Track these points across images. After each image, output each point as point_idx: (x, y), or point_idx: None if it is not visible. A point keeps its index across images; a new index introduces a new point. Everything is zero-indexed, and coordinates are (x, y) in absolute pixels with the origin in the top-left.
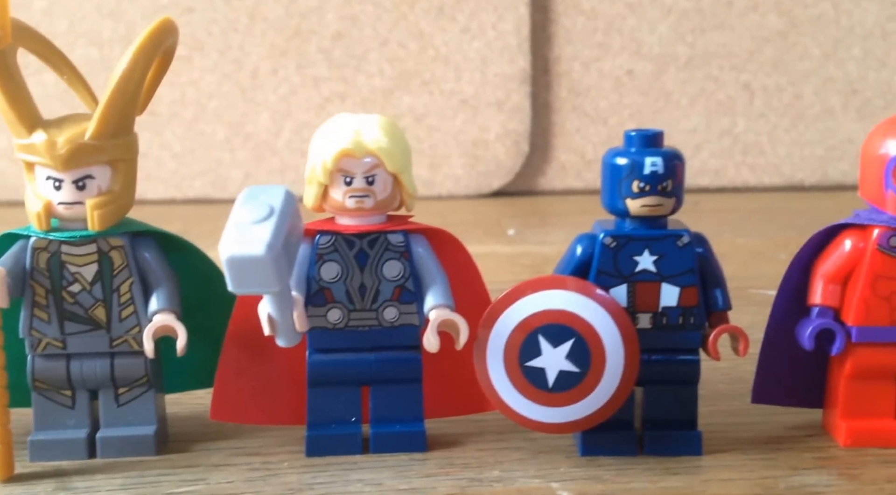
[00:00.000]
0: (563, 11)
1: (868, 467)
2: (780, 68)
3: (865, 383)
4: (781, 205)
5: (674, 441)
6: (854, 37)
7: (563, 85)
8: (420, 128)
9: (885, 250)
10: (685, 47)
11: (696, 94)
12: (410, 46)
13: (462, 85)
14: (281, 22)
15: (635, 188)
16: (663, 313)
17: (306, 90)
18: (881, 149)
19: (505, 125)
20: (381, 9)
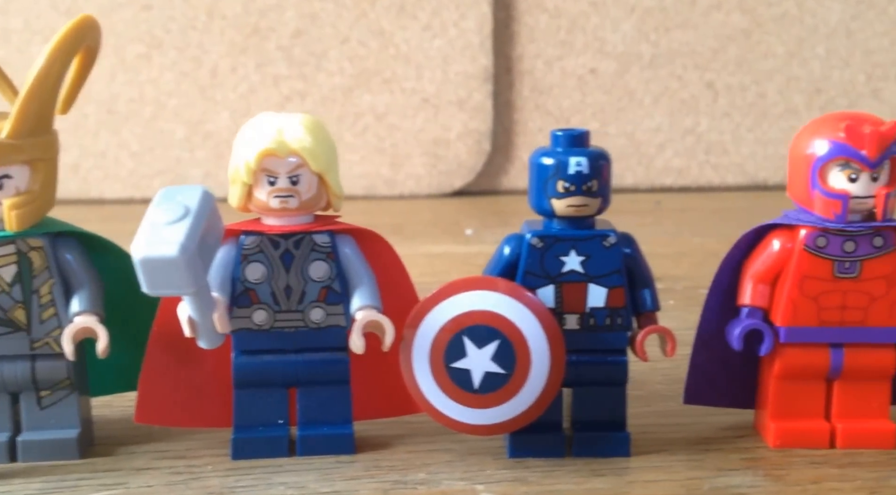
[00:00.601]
0: (525, 10)
1: (794, 468)
2: (743, 67)
3: (795, 383)
4: (744, 204)
5: (602, 442)
6: (818, 36)
7: (525, 83)
8: (381, 127)
9: (812, 250)
10: (649, 46)
11: (659, 92)
12: (371, 44)
13: (423, 83)
14: (240, 19)
15: (560, 188)
16: (591, 314)
17: (266, 88)
18: (808, 150)
19: (467, 124)
20: (341, 6)
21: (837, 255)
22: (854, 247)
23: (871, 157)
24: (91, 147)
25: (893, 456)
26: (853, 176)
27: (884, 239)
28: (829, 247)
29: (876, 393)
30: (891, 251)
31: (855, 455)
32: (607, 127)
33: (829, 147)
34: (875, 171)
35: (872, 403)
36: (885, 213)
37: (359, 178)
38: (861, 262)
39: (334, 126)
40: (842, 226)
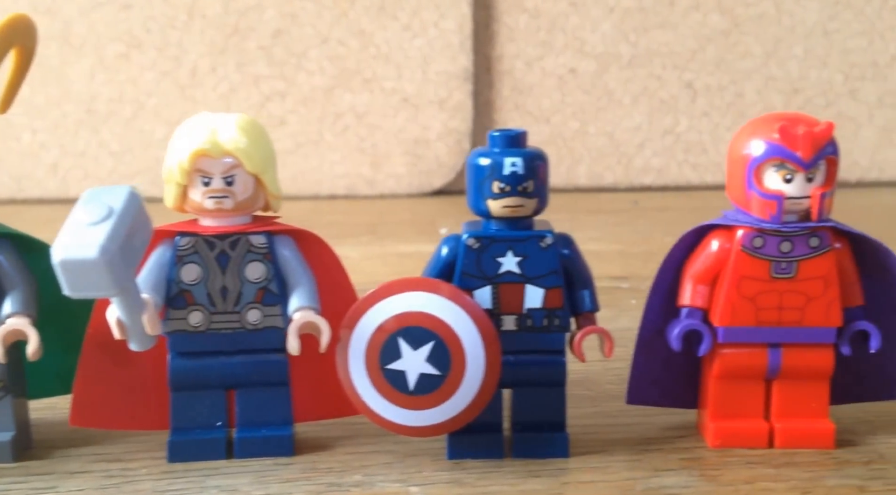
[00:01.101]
0: (505, 10)
1: (730, 468)
2: (722, 67)
3: (734, 383)
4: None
5: (541, 443)
6: (795, 36)
7: (505, 83)
8: (361, 127)
9: (748, 251)
10: (628, 46)
11: (638, 92)
12: (351, 44)
13: (403, 83)
14: (220, 19)
15: (496, 189)
16: (528, 315)
17: (246, 88)
18: (744, 150)
19: (447, 124)
20: (321, 6)
21: (774, 256)
22: (790, 248)
23: (804, 158)
24: (70, 146)
25: (831, 456)
26: (788, 176)
27: (820, 239)
28: (765, 248)
29: (815, 393)
30: (827, 251)
31: (793, 455)
32: (587, 126)
33: (764, 148)
34: (810, 172)
35: (811, 403)
36: (820, 214)
37: (339, 178)
38: (797, 263)
39: (315, 126)
40: (777, 227)
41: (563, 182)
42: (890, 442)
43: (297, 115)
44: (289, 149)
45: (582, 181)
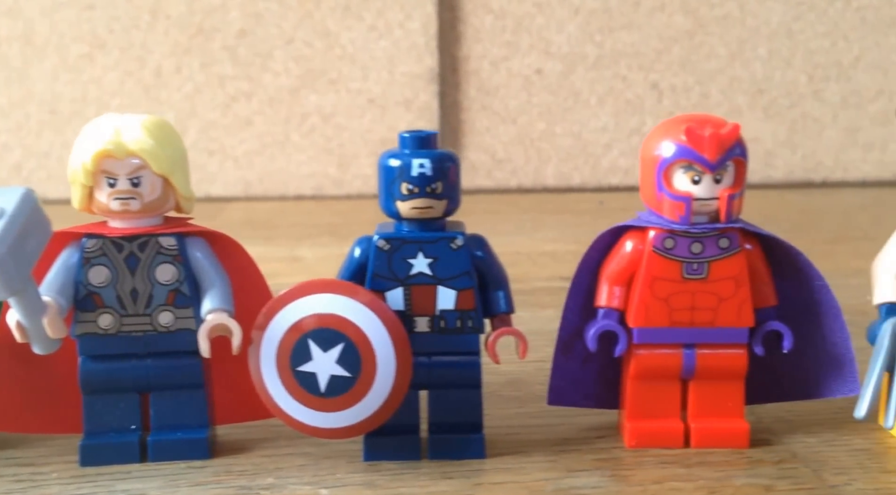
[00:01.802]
0: (471, 10)
1: (643, 468)
2: (687, 68)
3: (650, 384)
4: None
5: (457, 444)
6: (760, 37)
7: (472, 84)
8: (328, 127)
9: (660, 252)
10: (594, 47)
11: (604, 93)
12: (316, 45)
13: (369, 84)
14: (184, 19)
15: (404, 190)
16: (441, 316)
17: (211, 88)
18: (654, 151)
19: (413, 124)
20: (286, 7)
21: (685, 257)
22: (701, 249)
23: (711, 160)
24: (34, 147)
25: (744, 455)
26: (696, 178)
27: (730, 240)
28: (676, 249)
29: (730, 393)
30: (737, 252)
31: (707, 454)
32: (553, 127)
33: (672, 149)
34: (717, 173)
35: (727, 403)
36: (728, 215)
37: (306, 178)
38: (708, 264)
39: (281, 126)
40: (686, 228)
41: (531, 182)
42: (805, 441)
43: (262, 115)
44: (255, 150)
45: (549, 181)
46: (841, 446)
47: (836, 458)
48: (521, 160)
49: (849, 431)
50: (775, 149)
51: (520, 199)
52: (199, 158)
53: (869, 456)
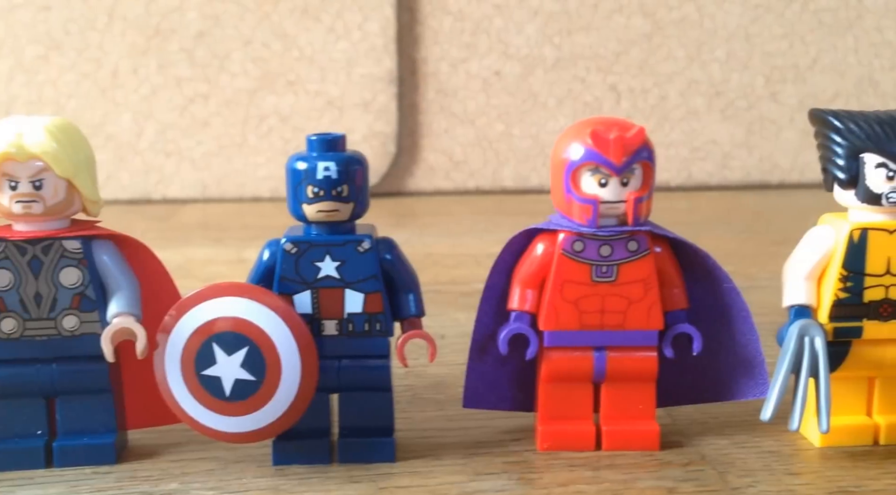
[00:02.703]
0: (430, 12)
1: (551, 470)
2: (645, 70)
3: (561, 386)
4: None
5: (367, 448)
6: (717, 39)
7: (430, 86)
8: (286, 129)
9: (569, 255)
10: (552, 48)
11: (563, 95)
12: (274, 46)
13: (328, 86)
14: (141, 20)
15: (310, 193)
16: (349, 319)
17: (168, 90)
18: (562, 154)
19: (371, 126)
20: (244, 8)
21: (594, 260)
22: (610, 252)
23: (616, 163)
24: None
25: (654, 457)
26: (603, 181)
27: (638, 243)
28: (585, 252)
29: (641, 396)
30: (645, 255)
31: (617, 457)
32: (512, 128)
33: (578, 152)
34: (623, 176)
35: (638, 405)
36: (636, 218)
37: (264, 180)
38: (618, 266)
39: (238, 128)
40: (594, 231)
41: (489, 184)
42: (716, 443)
43: (220, 117)
44: (212, 152)
45: (508, 183)
46: (751, 448)
47: (744, 460)
48: (480, 162)
49: (761, 433)
50: (732, 151)
51: (477, 201)
52: (155, 160)
53: (777, 458)
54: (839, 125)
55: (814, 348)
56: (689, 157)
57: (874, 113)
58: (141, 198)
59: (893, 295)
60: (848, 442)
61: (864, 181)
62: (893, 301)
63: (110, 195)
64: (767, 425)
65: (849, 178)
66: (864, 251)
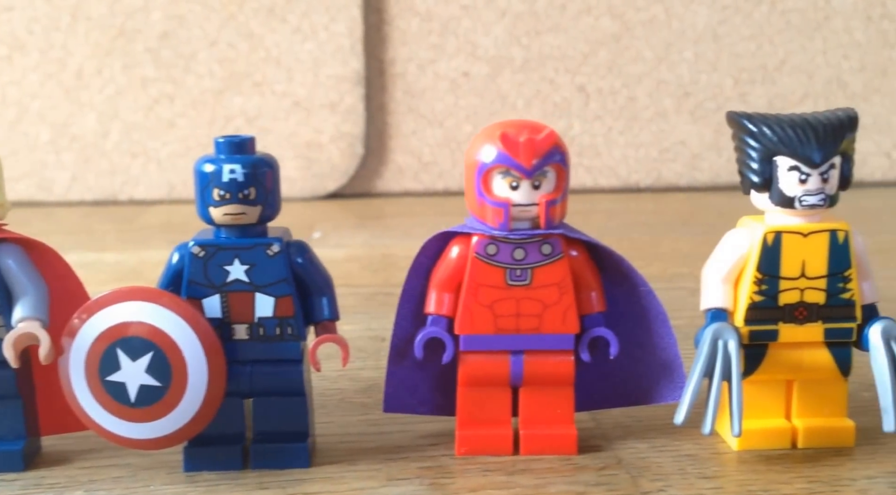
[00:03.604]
0: (397, 13)
1: (466, 476)
2: (614, 71)
3: (479, 391)
4: (613, 206)
5: (280, 454)
6: (685, 40)
7: (398, 87)
8: (252, 130)
9: (483, 258)
10: (520, 49)
11: (531, 95)
12: (241, 47)
13: (294, 86)
14: (105, 21)
15: (216, 196)
16: (260, 323)
17: (133, 91)
18: (474, 157)
19: (339, 127)
20: (209, 8)
21: (508, 263)
22: (524, 255)
23: (525, 166)
24: None
25: (571, 461)
26: (514, 184)
27: (552, 246)
28: (499, 255)
29: (559, 400)
30: (560, 258)
31: (534, 461)
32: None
33: (489, 155)
34: (535, 179)
35: (556, 409)
36: (548, 221)
37: None
38: (532, 270)
39: (204, 129)
40: (506, 234)
41: (458, 185)
42: (636, 447)
43: (186, 117)
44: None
45: None
46: (669, 451)
47: (660, 464)
48: (448, 163)
49: (682, 437)
50: (701, 152)
51: (445, 202)
52: (121, 161)
53: (693, 462)
54: (753, 128)
55: (727, 352)
56: (659, 158)
57: (788, 116)
58: (107, 199)
59: (808, 298)
60: (766, 446)
61: (778, 184)
62: (809, 304)
63: (76, 197)
64: (689, 429)
65: (762, 181)
66: (778, 254)
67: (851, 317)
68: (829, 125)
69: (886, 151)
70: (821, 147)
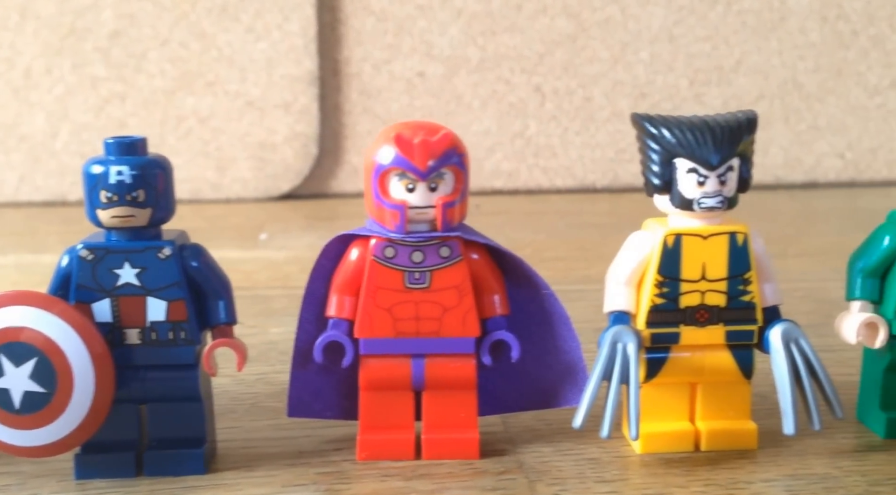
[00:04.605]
0: (352, 12)
1: (363, 481)
2: (570, 71)
3: (381, 395)
4: (568, 206)
5: (175, 460)
6: (641, 41)
7: (353, 87)
8: (205, 130)
9: (381, 261)
10: (476, 50)
11: (487, 96)
12: (193, 46)
13: (248, 86)
14: (54, 20)
15: (103, 198)
16: (152, 328)
17: (84, 90)
18: (371, 158)
19: (293, 127)
20: (161, 7)
21: (406, 266)
22: (422, 258)
23: (420, 168)
24: None
25: (472, 466)
26: (410, 186)
27: (450, 249)
28: (397, 258)
29: (462, 404)
30: (458, 261)
31: (434, 466)
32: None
33: (384, 157)
34: (431, 181)
35: (459, 413)
36: (445, 223)
37: (183, 182)
38: (431, 273)
39: (156, 129)
40: (403, 237)
41: None
42: (540, 450)
43: (137, 117)
44: None
45: None
46: (574, 455)
47: (560, 468)
48: None
49: (587, 441)
50: None
51: None
52: (71, 162)
53: (594, 466)
54: (653, 131)
55: (625, 355)
56: (615, 159)
57: (689, 118)
58: (56, 200)
59: (710, 300)
60: (669, 449)
61: (677, 186)
62: (710, 306)
63: (24, 197)
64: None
65: (662, 184)
66: (678, 257)
67: (752, 319)
68: (727, 127)
69: (840, 152)
70: (718, 149)
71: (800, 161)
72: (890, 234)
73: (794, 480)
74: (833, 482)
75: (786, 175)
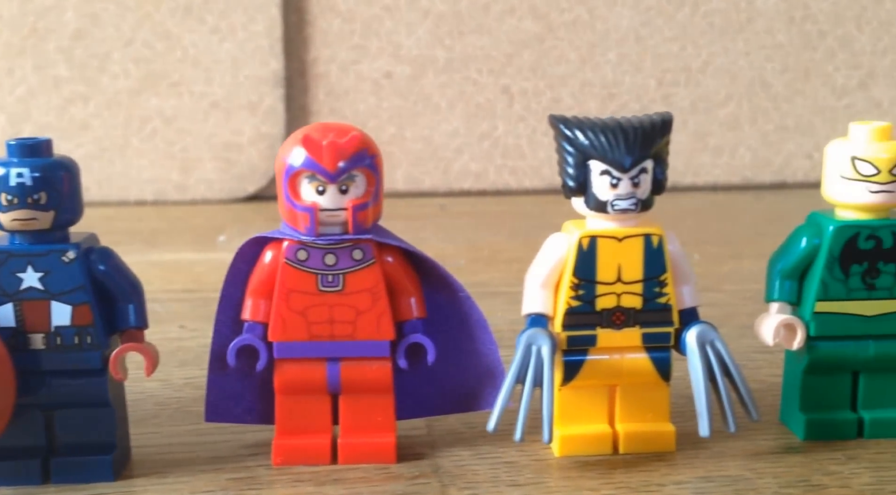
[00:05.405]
0: (318, 13)
1: (273, 487)
2: (538, 72)
3: (297, 399)
4: (534, 208)
5: (83, 467)
6: (609, 41)
7: (320, 87)
8: (170, 131)
9: (293, 264)
10: (444, 50)
11: (455, 97)
12: (157, 47)
13: (213, 87)
14: (16, 20)
15: (3, 201)
16: (57, 333)
17: (46, 91)
18: (281, 160)
19: (259, 128)
20: (124, 7)
21: (320, 269)
22: (335, 261)
23: (329, 170)
24: None
25: (387, 471)
26: (320, 188)
27: (363, 252)
28: (310, 261)
29: (379, 408)
30: (371, 264)
31: (349, 471)
32: (404, 131)
33: (293, 159)
34: (341, 183)
35: (376, 417)
36: (356, 226)
37: (148, 183)
38: (344, 276)
39: (120, 130)
40: (313, 239)
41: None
42: (459, 454)
43: (100, 118)
44: (93, 154)
45: (400, 186)
46: (491, 459)
47: (476, 472)
48: None
49: (508, 444)
50: None
51: None
52: None
53: (509, 469)
54: (567, 133)
55: (539, 357)
56: None
57: (603, 120)
58: None
59: (626, 303)
60: (587, 451)
61: (592, 188)
62: (626, 309)
63: None
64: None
65: (577, 186)
66: (593, 259)
67: (668, 321)
68: (640, 129)
69: (808, 152)
70: (630, 151)
71: (768, 162)
72: (807, 236)
73: (705, 482)
74: (745, 484)
75: (754, 176)
